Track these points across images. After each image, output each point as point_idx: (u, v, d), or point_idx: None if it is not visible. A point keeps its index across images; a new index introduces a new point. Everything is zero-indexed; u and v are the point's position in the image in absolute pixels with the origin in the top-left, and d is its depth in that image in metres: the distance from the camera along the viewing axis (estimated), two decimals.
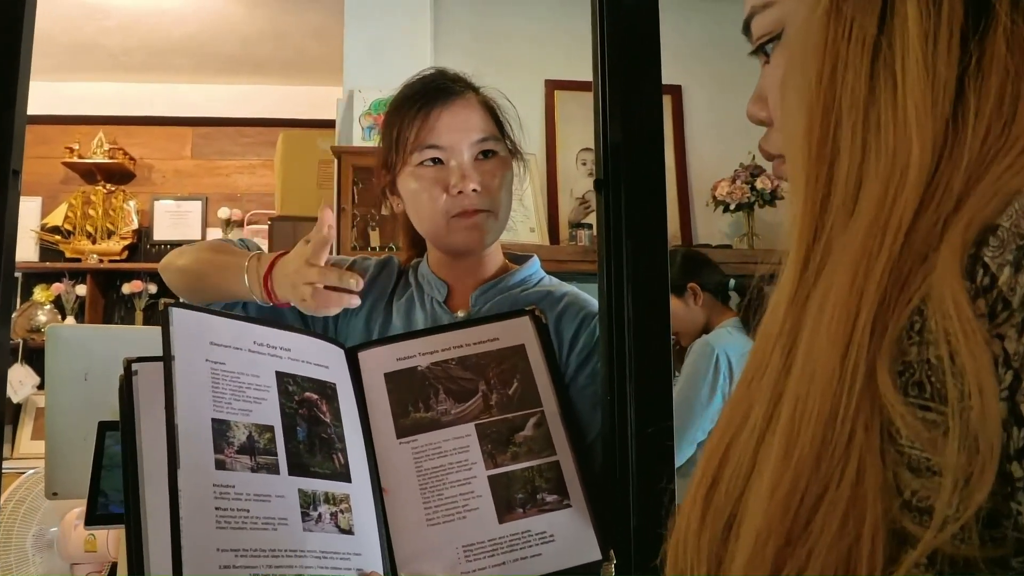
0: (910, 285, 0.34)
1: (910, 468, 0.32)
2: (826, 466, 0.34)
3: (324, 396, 0.91)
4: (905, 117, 0.36)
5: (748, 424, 0.39)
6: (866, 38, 0.38)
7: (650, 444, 0.91)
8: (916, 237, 0.35)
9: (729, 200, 3.15)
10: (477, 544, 0.87)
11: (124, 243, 4.33)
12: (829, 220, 0.38)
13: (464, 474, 0.91)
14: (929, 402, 0.32)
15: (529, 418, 0.94)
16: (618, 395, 0.92)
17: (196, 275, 1.10)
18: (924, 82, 0.36)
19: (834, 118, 0.39)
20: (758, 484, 0.36)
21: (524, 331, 1.00)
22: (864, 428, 0.33)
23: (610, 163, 0.96)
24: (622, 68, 0.96)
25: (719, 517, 0.38)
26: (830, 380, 0.35)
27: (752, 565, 0.35)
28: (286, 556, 0.78)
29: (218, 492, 0.77)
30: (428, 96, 1.06)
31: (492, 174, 1.05)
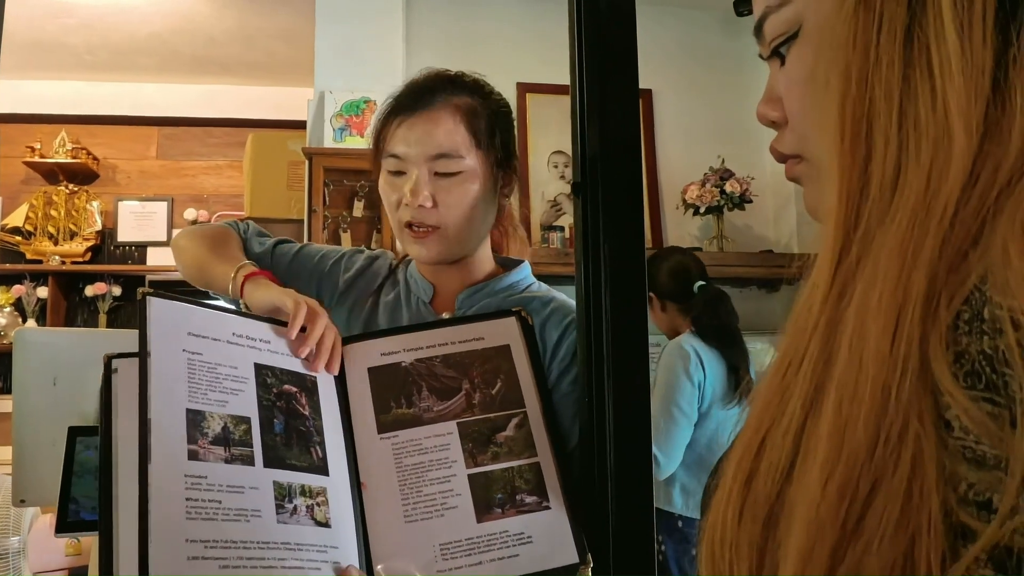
0: (961, 269, 0.34)
1: (966, 460, 0.31)
2: (880, 457, 0.33)
3: (303, 389, 0.90)
4: (945, 106, 0.36)
5: (785, 416, 0.38)
6: (898, 28, 0.38)
7: (628, 446, 0.91)
8: (963, 222, 0.35)
9: (699, 203, 3.18)
10: (454, 543, 0.87)
11: (87, 244, 4.25)
12: (866, 211, 0.38)
13: (444, 472, 0.90)
14: (985, 392, 0.31)
15: (511, 419, 0.94)
16: (596, 397, 0.93)
17: (195, 267, 1.10)
18: (961, 69, 0.36)
19: (867, 110, 0.38)
20: (805, 476, 0.35)
21: (510, 332, 1.00)
22: (918, 417, 0.33)
23: (587, 167, 0.97)
24: (599, 72, 0.97)
25: (759, 511, 0.37)
26: (880, 368, 0.34)
27: (808, 559, 0.34)
28: (258, 548, 0.77)
29: (189, 483, 0.76)
30: (402, 104, 1.06)
31: (448, 191, 1.02)
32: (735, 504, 0.38)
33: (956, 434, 0.32)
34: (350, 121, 2.82)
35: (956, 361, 0.32)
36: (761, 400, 0.40)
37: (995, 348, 0.31)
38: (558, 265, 2.78)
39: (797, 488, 0.36)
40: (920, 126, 0.36)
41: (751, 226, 3.40)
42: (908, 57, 0.37)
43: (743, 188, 3.16)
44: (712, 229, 3.28)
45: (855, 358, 0.35)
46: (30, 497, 1.16)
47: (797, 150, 0.50)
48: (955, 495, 0.31)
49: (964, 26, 0.36)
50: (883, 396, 0.33)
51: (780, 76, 0.50)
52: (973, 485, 0.31)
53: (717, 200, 3.17)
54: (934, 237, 0.35)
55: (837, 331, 0.37)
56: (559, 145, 3.19)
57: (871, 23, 0.38)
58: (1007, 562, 0.30)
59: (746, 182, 3.17)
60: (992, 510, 0.30)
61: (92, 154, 4.34)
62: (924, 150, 0.36)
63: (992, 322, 0.31)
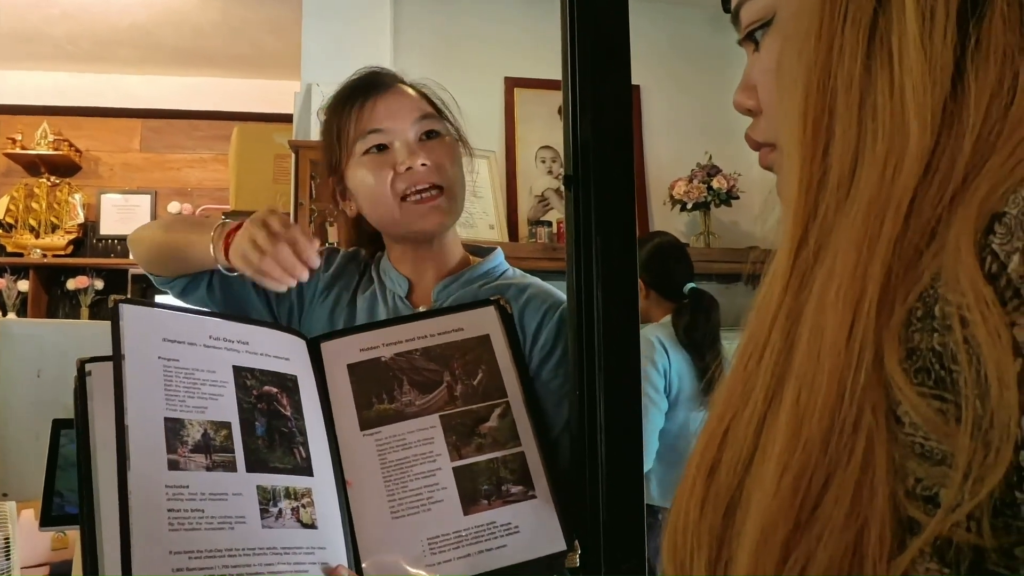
0: (917, 265, 0.34)
1: (915, 455, 0.32)
2: (834, 449, 0.33)
3: (284, 389, 0.89)
4: (903, 98, 0.36)
5: (747, 406, 0.38)
6: (862, 19, 0.38)
7: (620, 438, 0.91)
8: (919, 217, 0.35)
9: (686, 199, 3.20)
10: (442, 536, 0.86)
11: (69, 237, 4.21)
12: (824, 201, 0.38)
13: (429, 466, 0.90)
14: (935, 389, 0.32)
15: (494, 409, 0.94)
16: (587, 390, 0.92)
17: (163, 250, 1.08)
18: (921, 63, 0.36)
19: (829, 99, 0.38)
20: (762, 468, 0.36)
21: (489, 321, 0.99)
22: (872, 411, 0.33)
23: (579, 160, 0.97)
24: (591, 65, 0.97)
25: (720, 502, 0.38)
26: (836, 362, 0.34)
27: (761, 550, 0.34)
28: (243, 555, 0.76)
29: (171, 493, 0.75)
30: (360, 90, 1.06)
31: (439, 152, 1.04)
32: (698, 495, 0.39)
33: (906, 429, 0.32)
34: None
35: (908, 357, 0.33)
36: (725, 390, 0.40)
37: (944, 345, 0.31)
38: (545, 260, 2.78)
39: (755, 478, 0.36)
40: (878, 117, 0.37)
41: (738, 222, 3.42)
42: (871, 49, 0.38)
43: (730, 184, 3.17)
44: (699, 225, 3.30)
45: (813, 351, 0.35)
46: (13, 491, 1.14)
47: (770, 138, 0.50)
48: (904, 489, 0.32)
49: (926, 20, 0.36)
50: (839, 389, 0.34)
51: (755, 63, 0.50)
52: (921, 480, 0.32)
53: (704, 196, 3.18)
54: (890, 231, 0.35)
55: (798, 322, 0.37)
56: (546, 140, 3.19)
57: (837, 13, 0.39)
58: (949, 555, 0.30)
59: (733, 178, 3.18)
60: (938, 504, 0.31)
61: (74, 146, 4.29)
62: (881, 141, 0.36)
63: (943, 319, 0.32)
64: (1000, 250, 0.31)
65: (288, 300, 1.10)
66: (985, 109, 0.35)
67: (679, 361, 2.25)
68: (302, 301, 1.11)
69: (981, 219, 0.32)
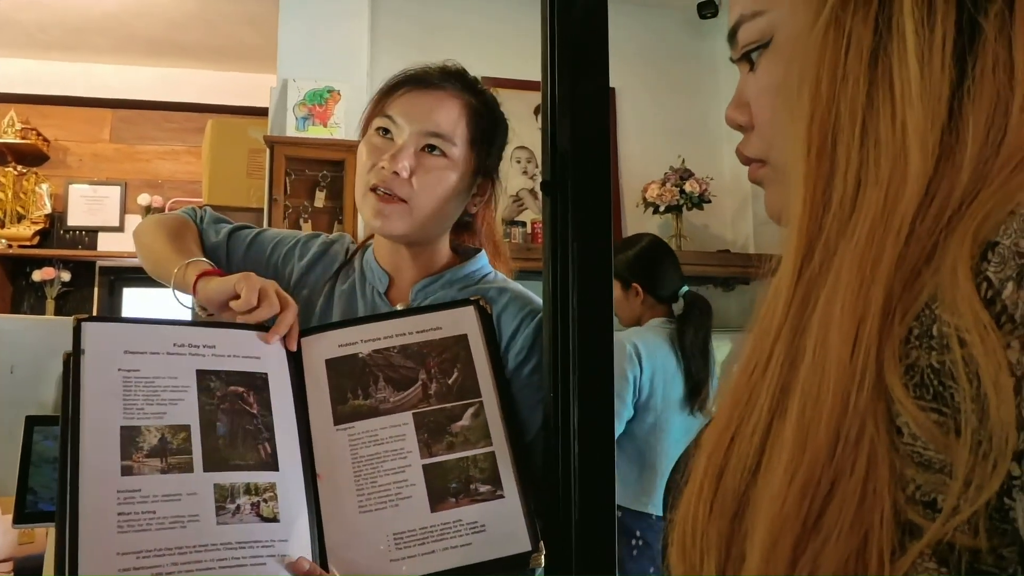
0: (914, 285, 0.36)
1: (915, 463, 0.34)
2: (839, 458, 0.35)
3: (252, 387, 0.91)
4: (904, 128, 0.38)
5: (752, 415, 0.40)
6: (864, 50, 0.40)
7: (592, 441, 0.93)
8: (917, 239, 0.37)
9: (659, 202, 3.23)
10: (408, 532, 0.87)
11: (35, 228, 4.13)
12: (828, 222, 0.40)
13: (399, 462, 0.91)
14: (933, 403, 0.34)
15: (467, 408, 0.95)
16: (562, 393, 0.94)
17: (153, 262, 1.10)
18: (920, 94, 0.38)
19: (833, 126, 0.40)
20: (770, 475, 0.37)
21: (467, 321, 1.00)
22: (874, 423, 0.35)
23: (557, 165, 0.98)
24: (571, 70, 0.98)
25: (727, 507, 0.39)
26: (841, 376, 0.36)
27: (772, 552, 0.36)
28: (194, 552, 0.79)
29: (122, 498, 0.79)
30: (415, 77, 1.06)
31: (428, 170, 1.02)
32: (706, 499, 0.40)
33: (906, 439, 0.34)
34: (313, 110, 2.79)
35: (907, 373, 0.35)
36: (730, 399, 0.42)
37: (942, 363, 0.34)
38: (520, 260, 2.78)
39: (763, 485, 0.38)
40: (880, 144, 0.39)
41: (708, 226, 3.45)
42: (873, 77, 0.40)
43: (702, 188, 3.21)
44: (671, 228, 3.33)
45: (818, 365, 0.37)
46: None
47: (762, 154, 0.52)
48: (904, 495, 0.34)
49: (925, 54, 0.38)
50: (843, 402, 0.36)
51: (749, 81, 0.52)
52: (920, 486, 0.34)
53: (677, 199, 3.21)
54: (891, 253, 0.37)
55: (802, 337, 0.39)
56: (522, 141, 3.20)
57: (840, 42, 0.41)
58: (949, 557, 0.32)
59: (705, 182, 3.22)
60: (937, 509, 0.33)
61: (42, 135, 4.22)
62: (883, 168, 0.38)
63: (940, 339, 0.34)
64: (995, 277, 0.33)
65: None
66: (980, 142, 0.37)
67: (654, 367, 2.25)
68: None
69: (976, 247, 0.34)
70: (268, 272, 1.12)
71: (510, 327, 1.04)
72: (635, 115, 3.38)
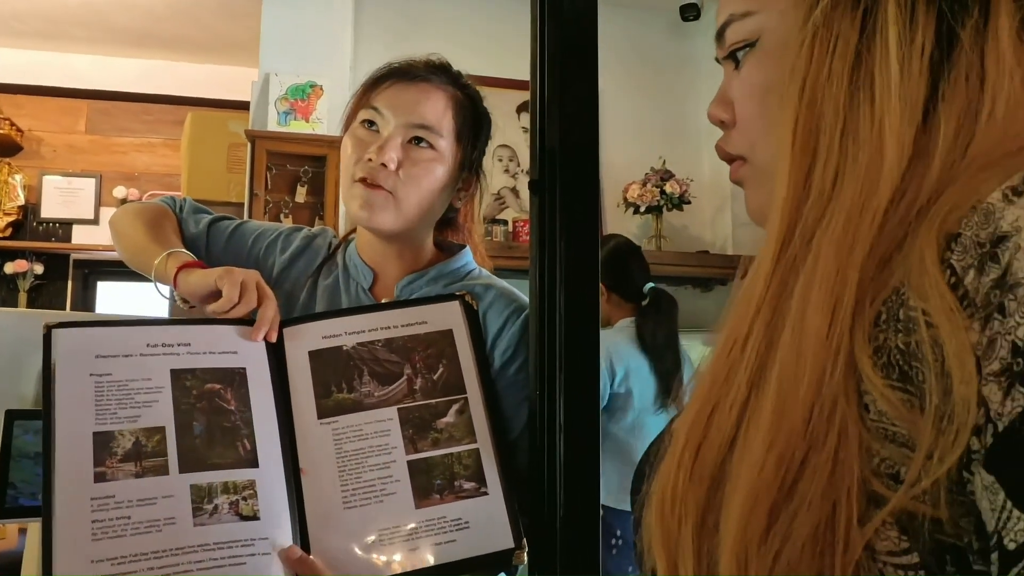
0: (884, 271, 0.39)
1: (881, 437, 0.36)
2: (812, 431, 0.38)
3: (229, 384, 0.90)
4: (881, 125, 0.41)
5: (731, 391, 0.42)
6: (849, 51, 0.43)
7: (578, 439, 0.93)
8: (890, 230, 0.39)
9: (639, 202, 3.25)
10: (392, 528, 0.87)
11: (8, 220, 4.06)
12: (807, 211, 0.43)
13: (384, 458, 0.90)
14: (899, 382, 0.36)
15: (452, 404, 0.95)
16: (548, 391, 0.94)
17: (131, 252, 1.08)
18: (899, 97, 0.41)
19: (817, 122, 0.43)
20: (748, 447, 0.40)
21: (453, 316, 1.00)
22: (845, 399, 0.37)
23: (546, 165, 0.98)
24: (560, 71, 0.98)
25: (705, 476, 0.42)
26: (817, 354, 0.38)
27: (748, 518, 0.38)
28: (170, 555, 0.78)
29: (96, 504, 0.78)
30: (400, 70, 1.06)
31: (415, 163, 1.02)
32: (685, 468, 0.43)
33: (873, 415, 0.37)
34: (295, 105, 2.77)
35: (875, 353, 0.37)
36: (709, 375, 0.44)
37: (908, 344, 0.36)
38: (501, 258, 2.79)
39: (741, 455, 0.40)
40: (859, 141, 0.42)
41: (688, 227, 3.48)
42: (855, 78, 0.42)
43: (682, 189, 3.23)
44: (651, 228, 3.35)
45: (796, 343, 0.40)
46: None
47: (743, 152, 0.54)
48: (870, 468, 0.36)
49: (905, 59, 0.41)
50: (819, 379, 0.38)
51: (734, 80, 0.53)
52: (886, 459, 0.36)
53: (657, 200, 3.23)
54: (865, 241, 0.39)
55: (781, 317, 0.41)
56: (504, 139, 3.20)
57: (827, 44, 0.43)
58: (909, 525, 0.35)
59: (685, 184, 3.24)
60: (900, 481, 0.35)
61: (16, 125, 4.15)
62: (861, 162, 0.41)
63: (907, 322, 0.37)
64: (958, 265, 0.36)
65: None
66: (950, 145, 0.40)
67: (628, 368, 2.27)
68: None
69: (942, 238, 0.37)
70: (248, 265, 1.10)
71: (496, 324, 1.04)
72: (617, 116, 3.39)
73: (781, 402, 0.39)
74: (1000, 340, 0.33)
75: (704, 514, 0.41)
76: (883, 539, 0.35)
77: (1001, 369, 0.33)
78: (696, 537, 0.41)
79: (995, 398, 0.33)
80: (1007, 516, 0.31)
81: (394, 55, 1.10)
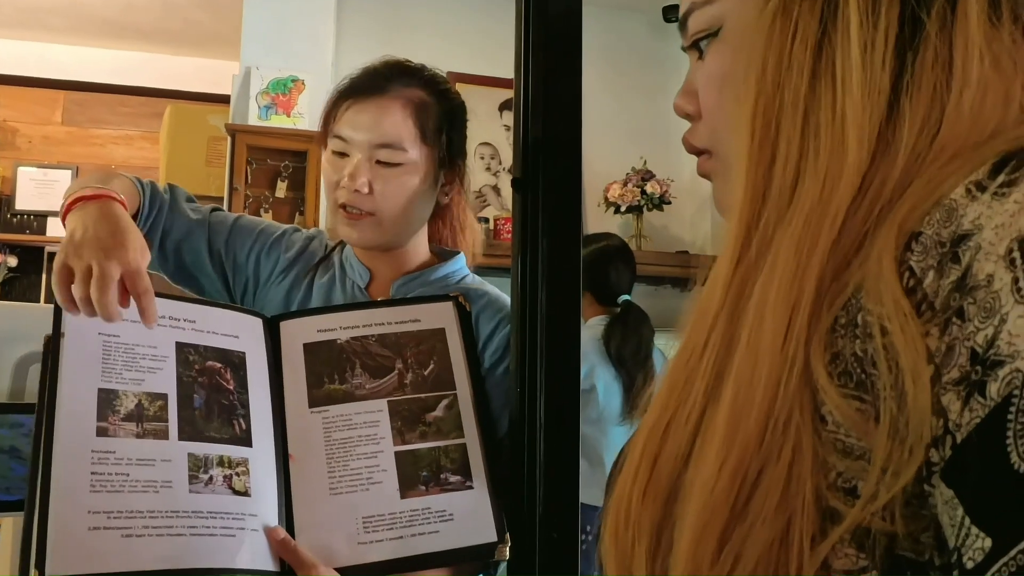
0: (844, 274, 0.37)
1: (837, 450, 0.35)
2: (767, 445, 0.36)
3: (229, 364, 0.92)
4: (844, 120, 0.39)
5: (688, 401, 0.40)
6: (810, 39, 0.40)
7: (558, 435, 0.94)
8: (850, 231, 0.37)
9: (620, 202, 3.26)
10: (377, 516, 0.89)
11: None
12: (767, 210, 0.40)
13: (372, 448, 0.92)
14: (855, 391, 0.34)
15: (442, 399, 0.96)
16: (528, 388, 0.95)
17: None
18: (862, 87, 0.39)
19: (777, 113, 0.41)
20: (702, 462, 0.38)
21: (446, 315, 1.02)
22: (800, 411, 0.35)
23: (529, 163, 0.99)
24: (544, 71, 0.99)
25: (660, 492, 0.40)
26: (773, 364, 0.36)
27: (700, 538, 0.36)
28: (165, 517, 0.79)
29: (96, 457, 0.79)
30: (355, 86, 1.06)
31: (387, 180, 1.03)
32: (640, 484, 0.41)
33: (829, 427, 0.35)
34: (276, 99, 2.76)
35: (832, 361, 0.35)
36: (667, 385, 0.42)
37: (865, 351, 0.34)
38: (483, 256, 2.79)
39: (695, 471, 0.38)
40: (820, 135, 0.39)
41: (668, 227, 3.50)
42: (816, 68, 0.40)
43: (663, 190, 3.25)
44: (631, 228, 3.36)
45: (752, 351, 0.38)
46: None
47: (708, 144, 0.52)
48: (826, 482, 0.34)
49: (868, 46, 0.39)
50: (774, 389, 0.36)
51: (698, 70, 0.51)
52: (842, 473, 0.34)
53: (637, 200, 3.25)
54: (824, 242, 0.37)
55: (737, 323, 0.39)
56: (486, 136, 3.20)
57: (787, 31, 0.41)
58: (866, 541, 0.33)
59: (666, 184, 3.26)
60: (857, 496, 0.33)
61: None
62: (822, 158, 0.39)
63: (864, 327, 0.35)
64: (917, 267, 0.34)
65: (244, 275, 1.11)
66: (915, 137, 0.38)
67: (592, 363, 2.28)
68: (258, 279, 1.11)
69: (901, 237, 0.35)
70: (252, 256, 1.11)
71: (488, 328, 1.06)
72: (599, 116, 3.40)
73: (735, 415, 0.37)
74: (959, 346, 0.31)
75: (659, 532, 0.39)
76: (840, 557, 0.34)
77: (960, 377, 0.31)
78: (650, 559, 0.39)
79: (954, 408, 0.31)
80: (966, 533, 0.29)
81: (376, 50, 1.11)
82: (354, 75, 1.08)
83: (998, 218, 0.32)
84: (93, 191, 0.91)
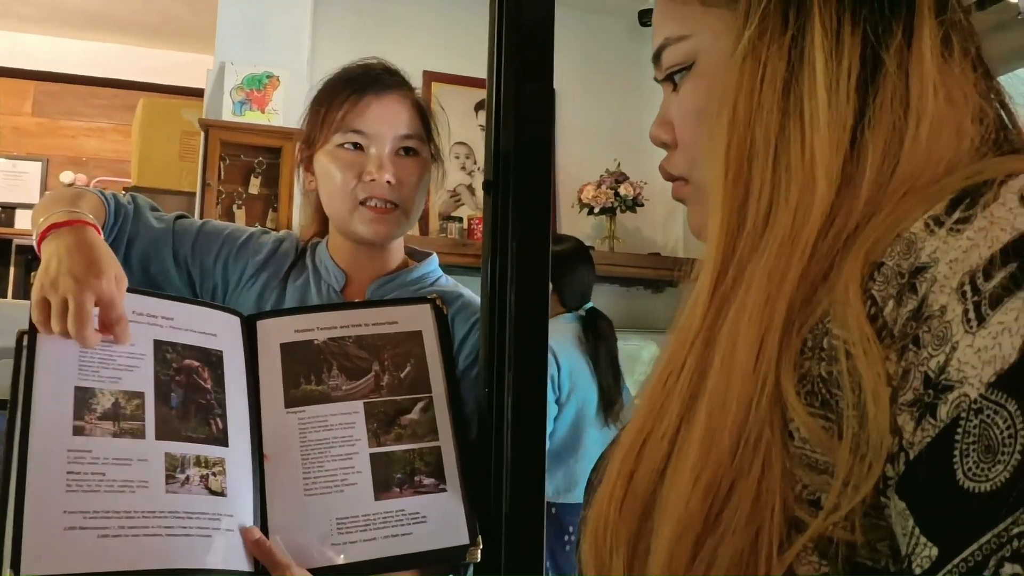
0: (812, 300, 0.40)
1: (803, 465, 0.37)
2: (739, 461, 0.38)
3: (207, 363, 0.92)
4: (812, 155, 0.42)
5: (664, 421, 0.43)
6: (778, 80, 0.43)
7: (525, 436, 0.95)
8: (818, 260, 0.40)
9: (594, 204, 3.28)
10: (350, 518, 0.89)
11: None
12: (741, 242, 0.43)
13: (347, 449, 0.92)
14: (821, 410, 0.37)
15: (417, 402, 0.97)
16: (496, 389, 0.96)
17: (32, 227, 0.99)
18: (828, 124, 0.41)
19: (749, 151, 0.44)
20: (677, 477, 0.40)
21: (423, 318, 1.02)
22: (771, 428, 0.38)
23: (500, 165, 1.00)
24: (516, 73, 1.00)
25: (636, 506, 0.42)
26: (745, 385, 0.39)
27: (675, 548, 0.39)
28: (142, 517, 0.79)
29: (72, 457, 0.78)
30: (364, 82, 1.06)
31: (409, 171, 1.05)
32: (617, 499, 0.43)
33: (797, 443, 0.38)
34: (251, 95, 2.74)
35: (800, 381, 0.38)
36: (645, 404, 0.45)
37: (830, 373, 0.37)
38: (455, 255, 2.80)
39: (670, 486, 0.41)
40: (791, 171, 0.42)
41: (640, 229, 3.53)
42: (785, 107, 0.43)
43: (636, 192, 3.28)
44: (604, 229, 3.39)
45: (725, 373, 0.40)
46: None
47: (684, 173, 0.54)
48: (793, 494, 0.37)
49: (832, 85, 0.42)
50: (746, 409, 0.39)
51: (673, 102, 0.54)
52: (807, 486, 0.37)
53: (611, 202, 3.27)
54: (794, 272, 0.40)
55: (712, 347, 0.42)
56: (461, 136, 3.21)
57: (756, 72, 0.44)
58: (829, 549, 0.36)
59: (639, 186, 3.29)
60: (820, 507, 0.36)
61: None
62: (792, 193, 0.42)
63: (830, 351, 0.37)
64: (878, 295, 0.37)
65: (212, 281, 1.09)
66: (876, 170, 0.41)
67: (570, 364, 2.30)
68: (227, 284, 1.10)
69: (866, 267, 0.38)
70: (219, 262, 1.10)
71: (463, 330, 1.07)
72: (573, 117, 3.42)
73: (709, 433, 0.40)
74: (914, 371, 0.34)
75: (636, 543, 0.42)
76: (804, 564, 0.36)
77: (914, 399, 0.34)
78: (627, 568, 0.42)
79: (908, 427, 0.33)
80: (915, 542, 0.32)
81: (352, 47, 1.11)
82: (349, 70, 1.08)
83: (952, 253, 0.35)
84: (66, 217, 0.91)
